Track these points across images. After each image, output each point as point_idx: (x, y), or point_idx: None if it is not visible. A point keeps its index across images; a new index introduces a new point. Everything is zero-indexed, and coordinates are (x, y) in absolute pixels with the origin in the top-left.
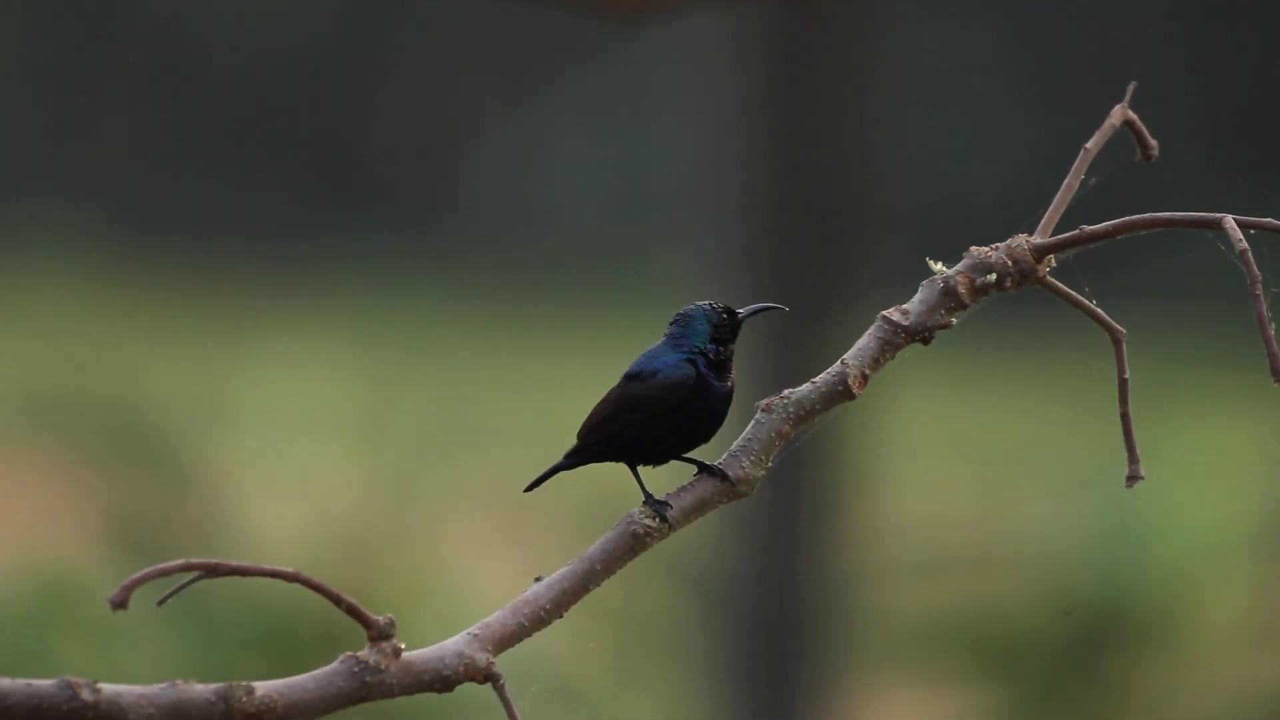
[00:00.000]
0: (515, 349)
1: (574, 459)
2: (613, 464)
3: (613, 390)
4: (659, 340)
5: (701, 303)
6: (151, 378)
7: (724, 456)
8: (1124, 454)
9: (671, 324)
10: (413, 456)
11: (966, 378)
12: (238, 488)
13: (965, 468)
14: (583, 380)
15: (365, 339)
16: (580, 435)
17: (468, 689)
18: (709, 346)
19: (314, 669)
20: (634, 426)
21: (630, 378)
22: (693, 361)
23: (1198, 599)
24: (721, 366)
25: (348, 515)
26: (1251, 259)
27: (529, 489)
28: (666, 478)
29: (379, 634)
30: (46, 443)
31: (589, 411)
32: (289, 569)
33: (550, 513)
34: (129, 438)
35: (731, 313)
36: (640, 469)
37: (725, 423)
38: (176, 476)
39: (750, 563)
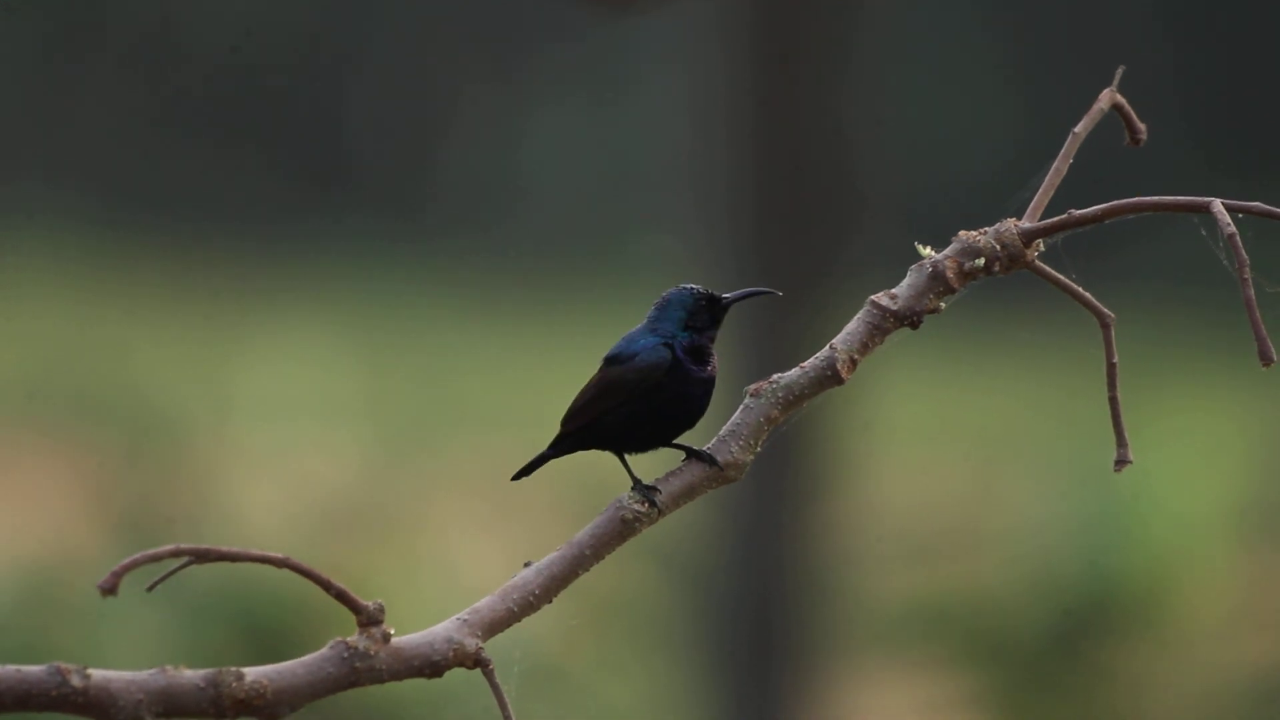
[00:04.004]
0: (500, 330)
1: (559, 447)
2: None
3: (594, 376)
4: (641, 322)
5: (683, 287)
6: (140, 362)
7: (713, 441)
8: (1110, 439)
9: (653, 307)
10: (401, 440)
11: (953, 363)
12: (229, 472)
13: (951, 453)
14: (568, 361)
15: (351, 321)
16: (564, 422)
17: (455, 672)
18: (682, 334)
19: (304, 655)
20: (613, 411)
21: (609, 361)
22: (670, 346)
23: (1183, 584)
24: (699, 353)
25: (338, 499)
26: (1239, 243)
27: (516, 478)
28: (655, 464)
29: (368, 619)
30: (38, 426)
31: (572, 397)
32: (278, 555)
33: (540, 497)
34: (119, 422)
35: (713, 299)
36: (629, 456)
37: (713, 408)
38: (168, 460)
39: (735, 548)
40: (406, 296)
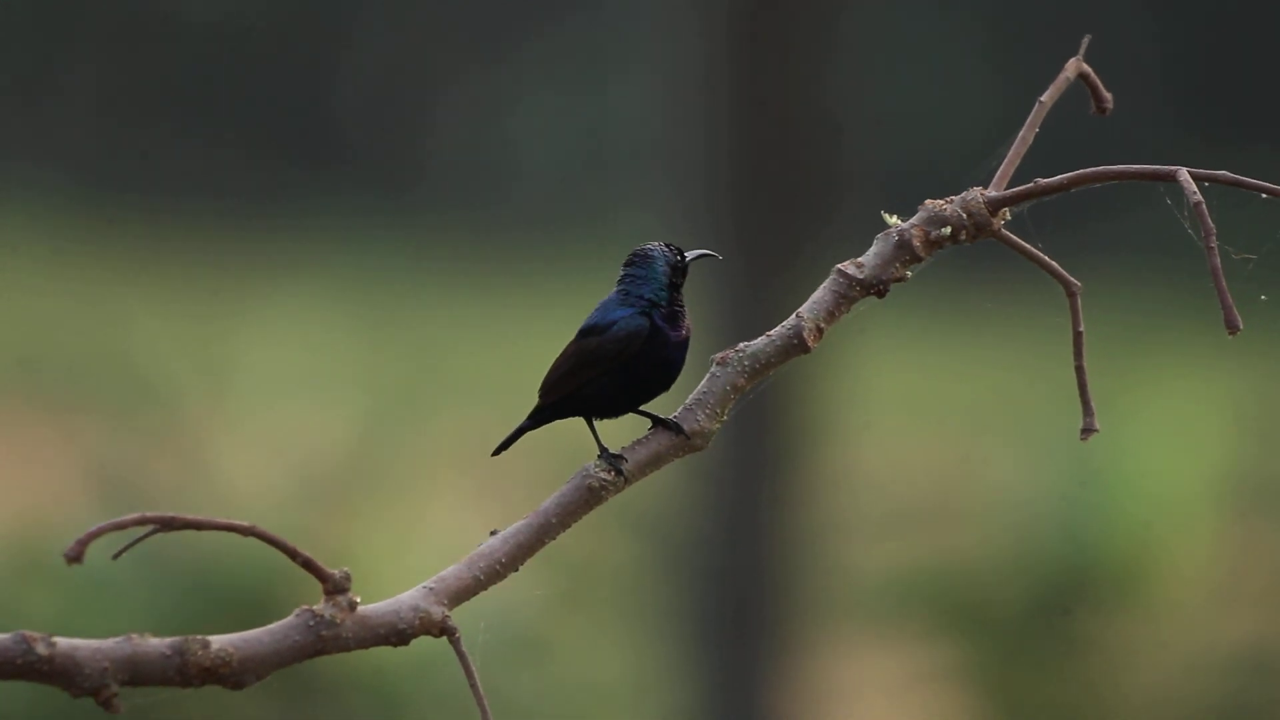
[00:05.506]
0: (485, 306)
1: (538, 418)
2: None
3: (569, 346)
4: (614, 288)
5: (655, 244)
6: (132, 335)
7: (679, 410)
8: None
9: (626, 265)
10: (390, 412)
11: (926, 331)
12: (220, 443)
13: (927, 423)
14: (552, 335)
15: (341, 296)
16: (541, 393)
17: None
18: (663, 295)
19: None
20: (593, 382)
21: (585, 333)
22: (647, 314)
23: (1162, 555)
24: (675, 315)
25: (329, 471)
26: (1205, 212)
27: (496, 453)
28: (623, 432)
29: (334, 588)
30: (31, 397)
31: (548, 368)
32: (244, 523)
33: (525, 466)
34: (112, 394)
35: (681, 253)
36: (596, 422)
37: (682, 377)
38: (160, 432)
39: (716, 520)
40: (395, 272)
